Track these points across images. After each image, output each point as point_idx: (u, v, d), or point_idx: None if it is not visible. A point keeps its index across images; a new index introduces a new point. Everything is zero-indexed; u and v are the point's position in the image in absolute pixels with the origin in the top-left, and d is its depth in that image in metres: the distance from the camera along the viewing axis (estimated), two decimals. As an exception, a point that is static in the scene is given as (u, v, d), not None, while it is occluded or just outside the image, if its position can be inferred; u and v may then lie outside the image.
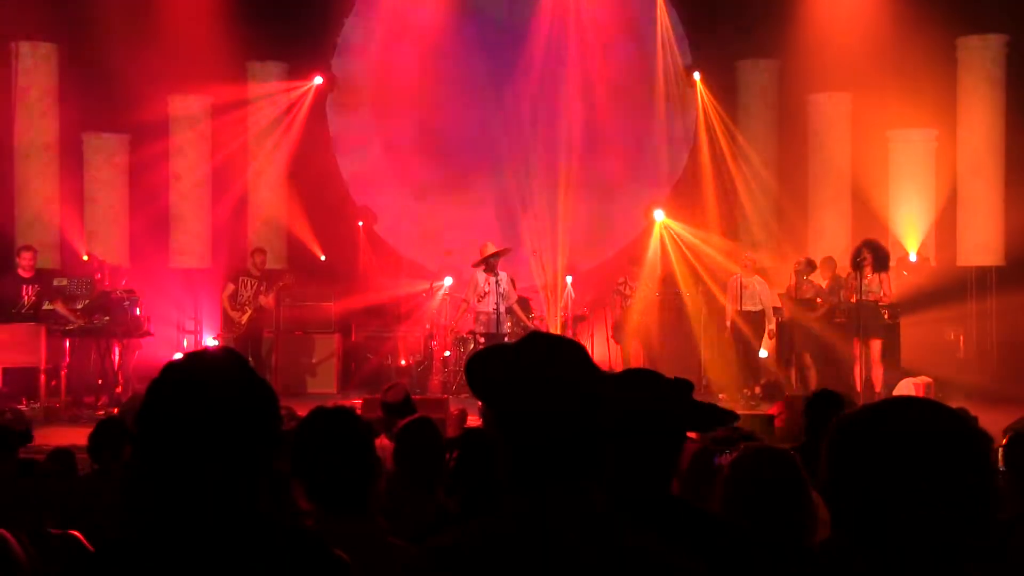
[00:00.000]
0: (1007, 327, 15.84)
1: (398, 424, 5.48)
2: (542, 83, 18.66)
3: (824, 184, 17.53)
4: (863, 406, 2.09)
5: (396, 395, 7.58)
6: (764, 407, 12.89)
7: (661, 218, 17.56)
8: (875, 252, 13.89)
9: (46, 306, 13.82)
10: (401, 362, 16.40)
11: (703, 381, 15.31)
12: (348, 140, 19.08)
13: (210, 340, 16.44)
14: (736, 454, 3.72)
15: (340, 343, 16.72)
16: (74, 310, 14.19)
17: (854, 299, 13.87)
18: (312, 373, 16.46)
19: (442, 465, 4.90)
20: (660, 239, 17.37)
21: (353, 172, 19.04)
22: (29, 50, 16.32)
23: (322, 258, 18.00)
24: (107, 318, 14.21)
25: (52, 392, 13.80)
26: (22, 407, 12.70)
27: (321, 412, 3.50)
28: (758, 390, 14.68)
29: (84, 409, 13.72)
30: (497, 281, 13.77)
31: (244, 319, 14.77)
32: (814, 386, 14.24)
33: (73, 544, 4.26)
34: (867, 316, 13.88)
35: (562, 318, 16.32)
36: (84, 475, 6.34)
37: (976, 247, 16.36)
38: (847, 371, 14.47)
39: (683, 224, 17.37)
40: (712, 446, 4.50)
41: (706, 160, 18.20)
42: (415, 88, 18.77)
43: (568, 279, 17.23)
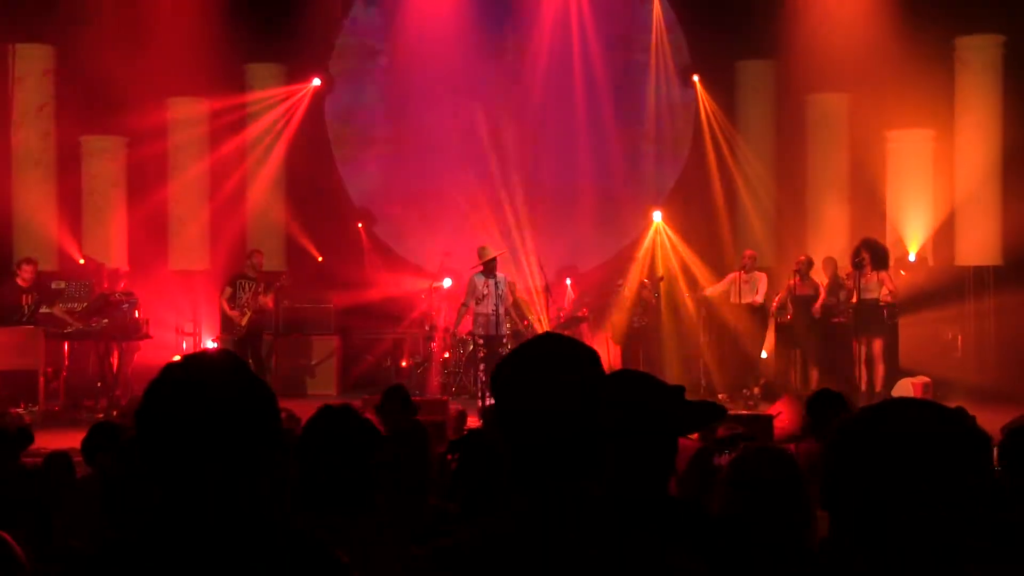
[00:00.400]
0: (1005, 326, 15.83)
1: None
2: (542, 85, 18.67)
3: (823, 184, 17.53)
4: (863, 408, 2.09)
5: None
6: (764, 407, 12.88)
7: (659, 220, 17.60)
8: (874, 251, 13.90)
9: (44, 309, 13.82)
10: (402, 364, 16.40)
11: (702, 382, 15.32)
12: (346, 142, 19.07)
13: (209, 342, 16.44)
14: (736, 454, 3.72)
15: (339, 344, 16.72)
16: (72, 313, 14.18)
17: (854, 298, 13.89)
18: (311, 374, 16.48)
19: (432, 468, 4.91)
20: (658, 241, 17.42)
21: (351, 174, 19.03)
22: (26, 53, 16.31)
23: (319, 259, 18.00)
24: (106, 321, 14.20)
25: (51, 395, 13.81)
26: (20, 410, 12.67)
27: (326, 411, 3.50)
28: (757, 390, 14.67)
29: (83, 412, 13.71)
30: (496, 283, 13.77)
31: (244, 320, 14.77)
32: (815, 386, 14.24)
33: (73, 547, 4.26)
34: (867, 315, 13.90)
35: (561, 319, 16.32)
36: (82, 478, 6.33)
37: (974, 247, 16.35)
38: (848, 370, 14.48)
39: (677, 234, 17.42)
40: (712, 446, 4.50)
41: (705, 161, 18.21)
42: (414, 89, 18.78)
43: (568, 281, 17.26)
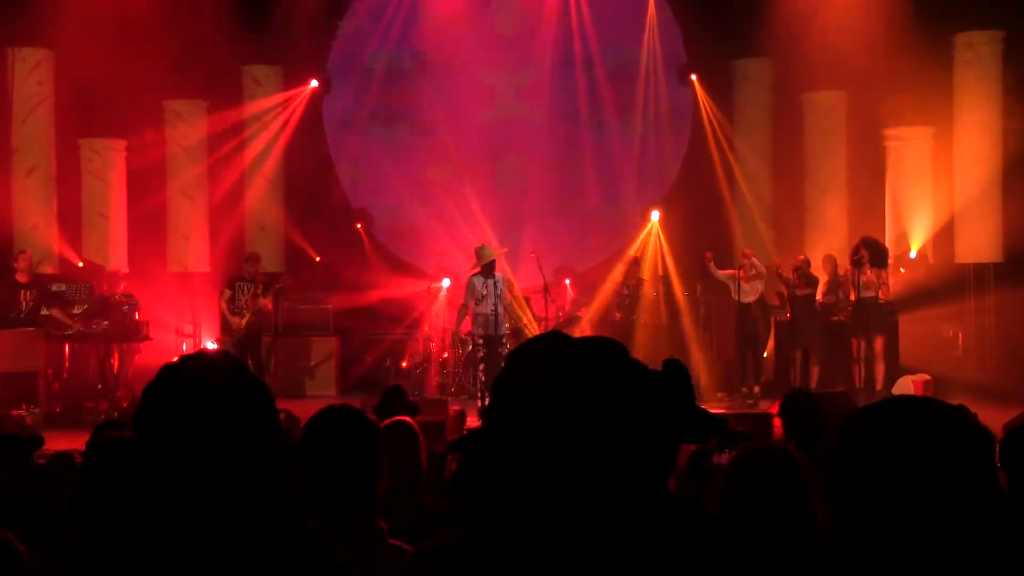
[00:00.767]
0: (1005, 324, 15.83)
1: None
2: (540, 84, 18.68)
3: (821, 182, 17.52)
4: (864, 406, 2.09)
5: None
6: (764, 406, 12.89)
7: (657, 218, 17.63)
8: (872, 249, 13.90)
9: (43, 311, 13.81)
10: (402, 364, 16.40)
11: (700, 381, 15.30)
12: (344, 143, 19.08)
13: (209, 344, 16.44)
14: (735, 453, 3.71)
15: (338, 345, 16.72)
16: (72, 315, 14.18)
17: (853, 296, 13.88)
18: (311, 375, 16.47)
19: (423, 468, 4.92)
20: (657, 239, 17.44)
21: (350, 174, 19.04)
22: (25, 56, 16.30)
23: (317, 260, 18.00)
24: (106, 323, 14.20)
25: (52, 397, 13.81)
26: (21, 412, 12.68)
27: (327, 411, 3.50)
28: (758, 389, 14.66)
29: (84, 413, 13.71)
30: (494, 283, 13.77)
31: (243, 323, 14.76)
32: (815, 384, 14.25)
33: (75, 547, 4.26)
34: (867, 313, 13.89)
35: (560, 319, 16.32)
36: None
37: (974, 244, 16.32)
38: (848, 369, 14.48)
39: (674, 233, 17.45)
40: (711, 445, 4.49)
41: (703, 160, 18.21)
42: (411, 90, 18.79)
43: (567, 281, 17.26)
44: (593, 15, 18.54)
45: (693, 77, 18.35)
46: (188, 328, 16.93)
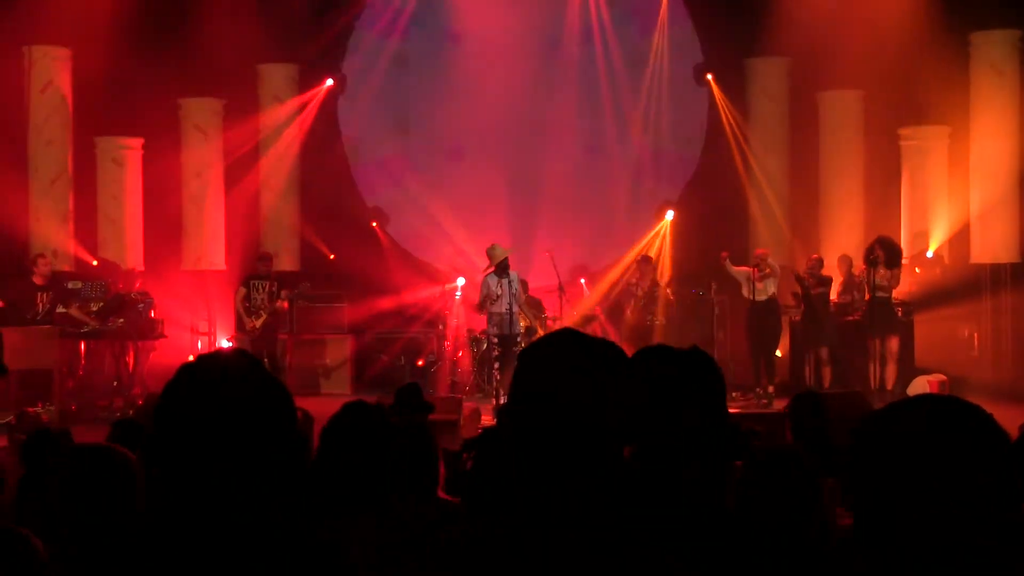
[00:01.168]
0: (1022, 324, 15.76)
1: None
2: (553, 83, 18.66)
3: (836, 182, 17.48)
4: (887, 404, 2.08)
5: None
6: (778, 405, 12.86)
7: (671, 218, 17.65)
8: (887, 249, 13.86)
9: (60, 309, 13.86)
10: (418, 363, 16.41)
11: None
12: (359, 141, 19.09)
13: (224, 342, 16.48)
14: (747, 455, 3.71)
15: (354, 344, 16.73)
16: (88, 313, 14.23)
17: (868, 296, 13.84)
18: (326, 374, 16.49)
19: (438, 467, 4.93)
20: (663, 240, 17.52)
21: (364, 173, 19.05)
22: (42, 54, 16.35)
23: (331, 257, 18.02)
24: (121, 320, 14.25)
25: (67, 394, 13.86)
26: (37, 409, 12.72)
27: (348, 409, 3.51)
28: (771, 389, 14.63)
29: (100, 411, 13.76)
30: (509, 282, 13.77)
31: (259, 324, 14.78)
32: (828, 384, 14.22)
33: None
34: (882, 313, 13.85)
35: (574, 317, 16.31)
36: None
37: (990, 244, 16.23)
38: (862, 369, 14.43)
39: (687, 232, 17.47)
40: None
41: (718, 159, 18.18)
42: (426, 89, 18.79)
43: (582, 280, 17.25)
44: (611, 13, 18.51)
45: (709, 76, 18.32)
46: (203, 326, 16.98)
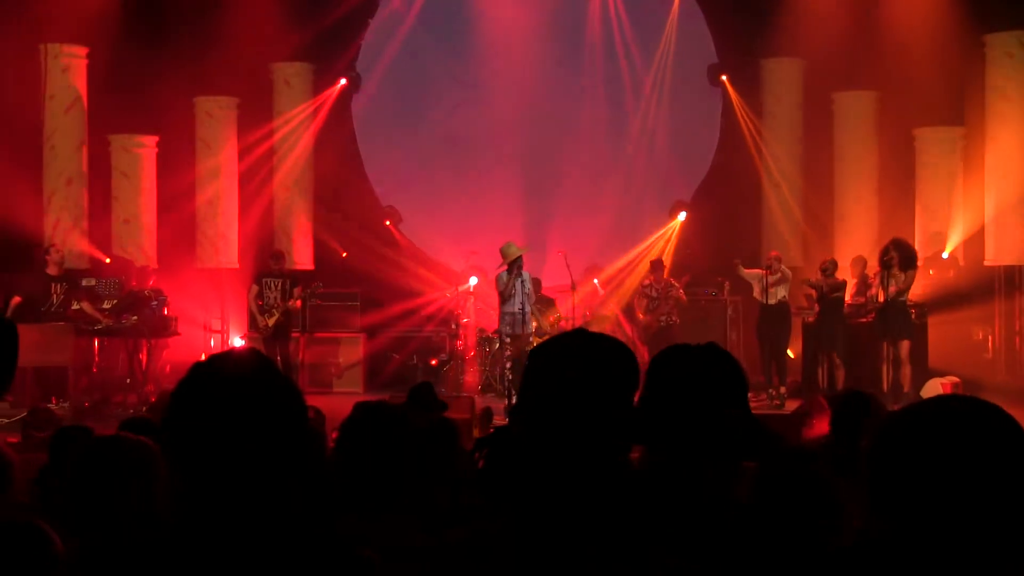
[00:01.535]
0: (1036, 327, 15.73)
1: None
2: (568, 83, 18.67)
3: (850, 183, 17.45)
4: (907, 405, 2.06)
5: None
6: (790, 406, 12.83)
7: (683, 218, 17.69)
8: (902, 251, 13.81)
9: (74, 306, 13.90)
10: (432, 362, 16.42)
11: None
12: (373, 140, 19.11)
13: (237, 340, 16.51)
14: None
15: (366, 343, 16.74)
16: (102, 311, 14.27)
17: (882, 298, 13.80)
18: (339, 373, 16.50)
19: (459, 465, 4.92)
20: (676, 240, 17.59)
21: (378, 172, 19.07)
22: (58, 52, 16.39)
23: (344, 255, 18.04)
24: (135, 318, 14.28)
25: (81, 391, 13.89)
26: (51, 406, 12.76)
27: (364, 408, 3.50)
28: (783, 390, 14.61)
29: (113, 408, 13.78)
30: (521, 282, 13.77)
31: (271, 322, 14.79)
32: (841, 385, 14.17)
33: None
34: (896, 315, 13.80)
35: (588, 317, 16.31)
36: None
37: (1005, 246, 16.14)
38: (875, 370, 14.39)
39: (698, 232, 17.50)
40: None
41: (732, 159, 18.17)
42: (440, 87, 18.80)
43: (595, 280, 17.24)
44: (628, 12, 18.51)
45: (723, 77, 18.31)
46: (216, 324, 17.01)
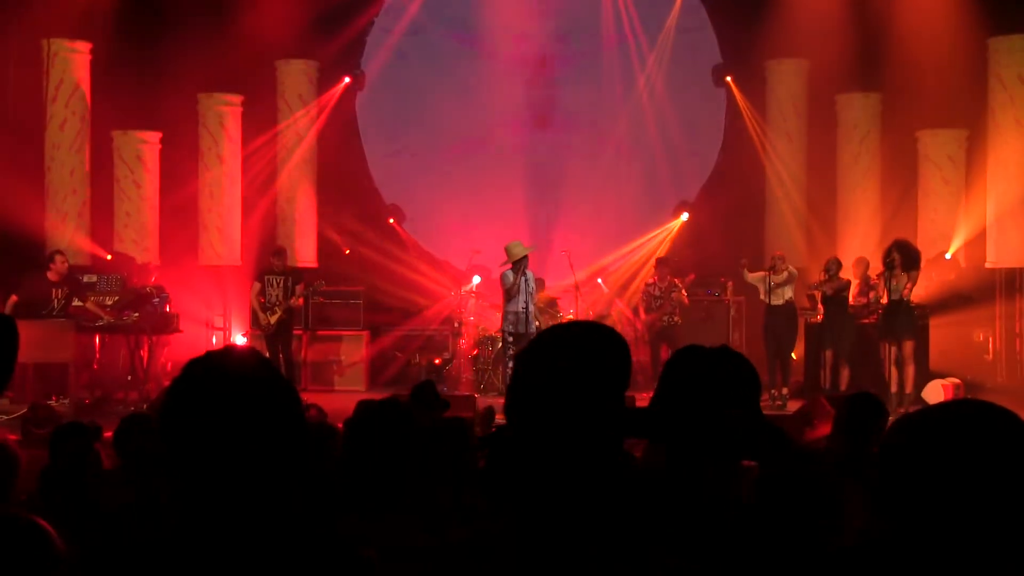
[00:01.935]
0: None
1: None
2: (573, 82, 18.67)
3: (854, 185, 17.44)
4: (919, 410, 2.05)
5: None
6: (792, 407, 12.83)
7: (684, 219, 17.71)
8: (904, 252, 13.81)
9: (76, 303, 13.90)
10: (436, 361, 16.42)
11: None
12: (377, 138, 19.12)
13: (239, 337, 16.51)
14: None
15: (369, 340, 16.74)
16: (104, 307, 14.28)
17: (885, 299, 13.80)
18: (341, 371, 16.50)
19: (468, 465, 4.92)
20: (671, 241, 17.63)
21: (382, 169, 19.08)
22: (61, 48, 16.39)
23: (347, 252, 18.04)
24: (137, 315, 14.28)
25: (82, 388, 13.89)
26: (52, 403, 12.77)
27: (367, 406, 3.50)
28: (786, 390, 14.61)
29: (114, 405, 13.77)
30: (525, 281, 13.77)
31: (273, 320, 14.78)
32: (844, 387, 14.18)
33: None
34: (898, 316, 13.80)
35: (591, 317, 16.31)
36: (108, 470, 6.36)
37: (1007, 248, 16.13)
38: (878, 371, 14.40)
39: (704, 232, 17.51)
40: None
41: (736, 160, 18.18)
42: (444, 85, 18.80)
43: (599, 280, 17.24)
44: (638, 11, 18.52)
45: (728, 78, 18.32)
46: (218, 321, 17.01)
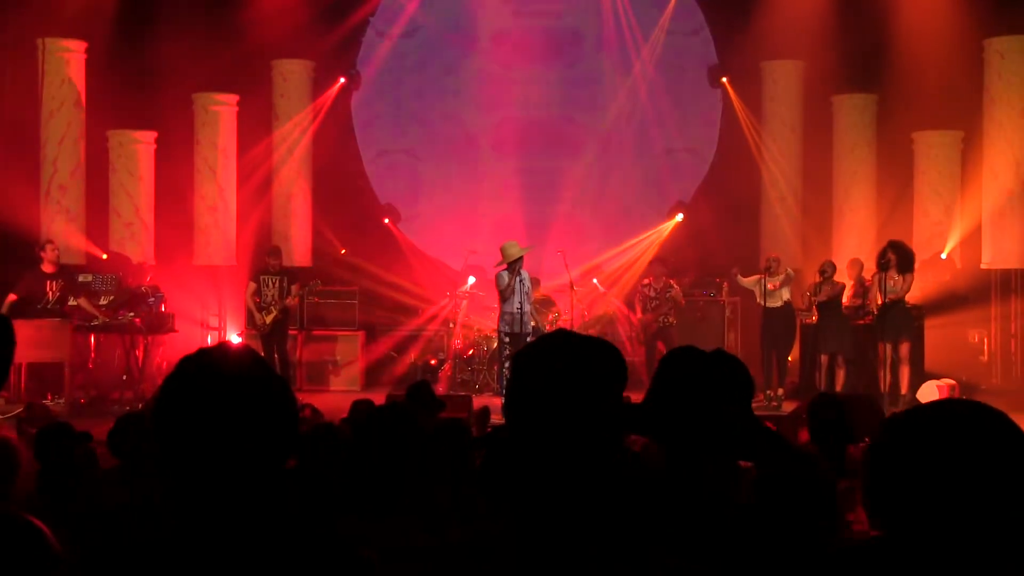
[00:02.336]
0: (1032, 331, 15.75)
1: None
2: (569, 82, 18.67)
3: (849, 186, 17.46)
4: (908, 409, 2.06)
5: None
6: (787, 408, 12.84)
7: (678, 220, 17.75)
8: (900, 253, 13.82)
9: (71, 302, 13.89)
10: (431, 361, 16.41)
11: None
12: (372, 138, 19.11)
13: (234, 337, 16.50)
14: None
15: (364, 340, 16.74)
16: (98, 306, 14.27)
17: (880, 300, 13.82)
18: (336, 370, 16.49)
19: (467, 466, 4.92)
20: (662, 242, 17.66)
21: (377, 169, 19.06)
22: (56, 47, 16.37)
23: (343, 252, 18.04)
24: (132, 314, 14.27)
25: (77, 387, 13.88)
26: (47, 402, 12.78)
27: (369, 407, 3.50)
28: (781, 391, 14.62)
29: (109, 404, 13.77)
30: (521, 281, 13.77)
31: (269, 319, 14.79)
32: (840, 388, 14.19)
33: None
34: (893, 317, 13.81)
35: (587, 317, 16.32)
36: (106, 470, 6.36)
37: (1002, 249, 16.15)
38: (873, 373, 14.41)
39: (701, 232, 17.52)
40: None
41: (731, 161, 18.19)
42: (440, 85, 18.80)
43: (595, 280, 17.24)
44: (635, 12, 18.52)
45: (724, 79, 18.34)
46: (214, 321, 17.00)
